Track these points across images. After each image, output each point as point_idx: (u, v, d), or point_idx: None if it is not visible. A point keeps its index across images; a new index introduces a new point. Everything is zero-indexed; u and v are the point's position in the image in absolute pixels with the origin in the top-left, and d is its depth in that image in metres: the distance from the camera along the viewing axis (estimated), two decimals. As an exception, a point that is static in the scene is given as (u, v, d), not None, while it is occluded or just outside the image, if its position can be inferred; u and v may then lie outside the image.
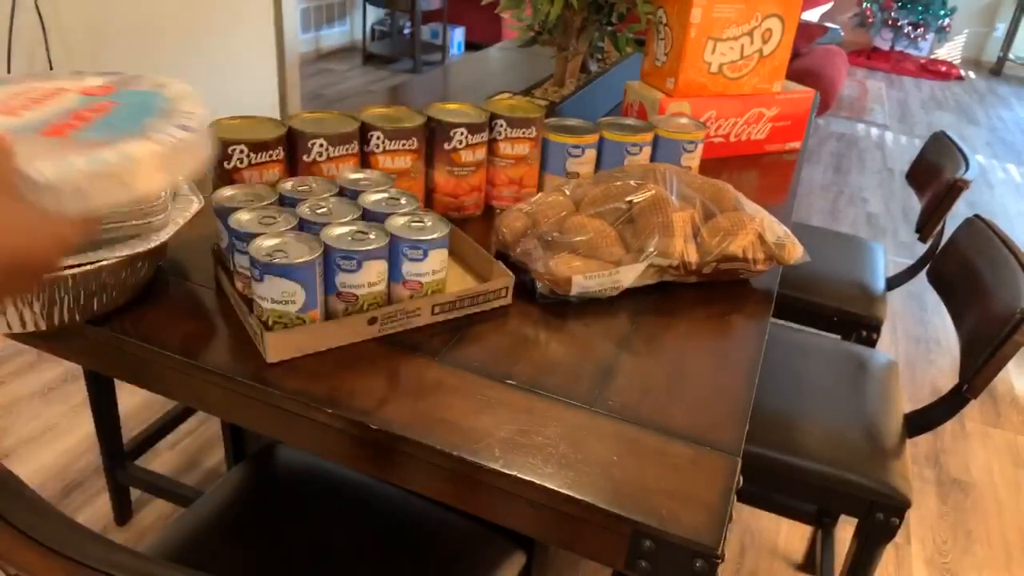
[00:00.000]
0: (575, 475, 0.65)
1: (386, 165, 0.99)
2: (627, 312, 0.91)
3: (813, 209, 3.55)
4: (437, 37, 5.37)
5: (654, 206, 0.92)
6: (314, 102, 4.40)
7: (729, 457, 0.69)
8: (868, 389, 1.27)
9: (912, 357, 2.44)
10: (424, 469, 0.69)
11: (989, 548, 1.73)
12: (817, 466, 1.10)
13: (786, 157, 1.50)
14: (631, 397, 0.76)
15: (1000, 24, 6.90)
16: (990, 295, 1.19)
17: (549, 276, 0.88)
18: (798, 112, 1.49)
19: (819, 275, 1.63)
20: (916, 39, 6.67)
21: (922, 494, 1.87)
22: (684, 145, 1.17)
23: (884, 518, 1.09)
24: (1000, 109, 5.73)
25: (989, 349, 1.09)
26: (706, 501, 0.64)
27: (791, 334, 1.41)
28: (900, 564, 1.66)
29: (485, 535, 0.95)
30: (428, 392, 0.74)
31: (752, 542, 1.68)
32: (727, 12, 1.32)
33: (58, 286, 0.73)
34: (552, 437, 0.69)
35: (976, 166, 1.59)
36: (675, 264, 0.93)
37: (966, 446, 2.06)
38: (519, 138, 1.06)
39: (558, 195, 0.97)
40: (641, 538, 0.62)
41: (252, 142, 0.90)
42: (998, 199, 3.96)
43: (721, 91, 1.40)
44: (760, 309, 0.95)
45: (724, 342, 0.87)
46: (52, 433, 1.78)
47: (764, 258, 0.96)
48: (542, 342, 0.83)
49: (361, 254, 0.76)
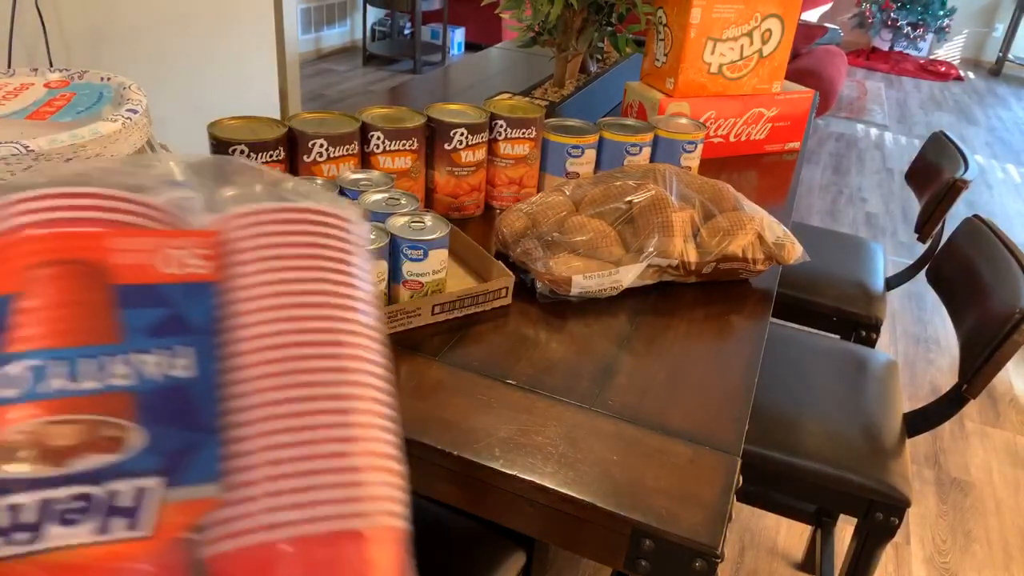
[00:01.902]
0: (575, 474, 0.65)
1: (386, 165, 0.99)
2: (627, 312, 0.91)
3: (812, 209, 3.55)
4: (437, 37, 5.37)
5: (654, 206, 0.93)
6: (314, 102, 4.40)
7: (728, 457, 0.69)
8: (867, 389, 1.28)
9: (911, 357, 2.44)
10: (424, 468, 0.69)
11: (988, 548, 1.74)
12: (817, 466, 1.10)
13: (786, 157, 1.50)
14: (631, 397, 0.76)
15: (999, 24, 6.90)
16: (989, 295, 1.19)
17: (549, 276, 0.88)
18: (797, 112, 1.49)
19: (818, 275, 1.63)
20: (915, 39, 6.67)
21: (921, 494, 1.87)
22: (684, 145, 1.18)
23: (884, 518, 1.09)
24: (999, 109, 5.73)
25: (988, 349, 1.09)
26: (705, 500, 0.64)
27: (790, 334, 1.41)
28: (900, 564, 1.67)
29: (485, 534, 0.95)
30: (428, 392, 0.74)
31: (752, 541, 1.68)
32: (726, 12, 1.33)
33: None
34: (552, 437, 0.70)
35: (975, 166, 1.59)
36: (675, 264, 0.93)
37: (965, 446, 2.06)
38: (519, 138, 1.06)
39: (558, 195, 0.97)
40: (641, 537, 0.62)
41: (252, 142, 0.90)
42: (997, 199, 3.96)
43: (721, 91, 1.40)
44: (760, 309, 0.95)
45: (724, 342, 0.88)
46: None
47: (763, 258, 0.96)
48: (542, 342, 0.84)
49: (361, 254, 0.76)
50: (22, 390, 0.30)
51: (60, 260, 0.32)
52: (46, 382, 0.30)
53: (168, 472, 0.30)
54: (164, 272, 0.33)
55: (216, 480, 0.31)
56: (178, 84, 2.67)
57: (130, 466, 0.30)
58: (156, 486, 0.30)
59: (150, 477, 0.30)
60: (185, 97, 2.66)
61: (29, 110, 0.76)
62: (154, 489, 0.30)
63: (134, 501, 0.29)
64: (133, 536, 0.29)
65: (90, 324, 0.31)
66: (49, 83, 0.84)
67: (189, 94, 2.70)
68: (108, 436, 0.30)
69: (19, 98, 0.79)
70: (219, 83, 2.86)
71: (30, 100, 0.79)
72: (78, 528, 0.29)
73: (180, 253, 0.34)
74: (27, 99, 0.79)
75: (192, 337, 0.32)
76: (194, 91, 2.73)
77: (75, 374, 0.30)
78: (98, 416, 0.30)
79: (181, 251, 0.34)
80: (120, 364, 0.31)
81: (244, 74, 2.97)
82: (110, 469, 0.29)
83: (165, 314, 0.32)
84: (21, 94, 0.80)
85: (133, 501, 0.29)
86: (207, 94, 2.77)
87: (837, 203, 3.67)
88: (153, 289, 0.33)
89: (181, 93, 2.66)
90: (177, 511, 0.30)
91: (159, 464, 0.30)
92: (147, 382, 0.31)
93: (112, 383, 0.31)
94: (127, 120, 0.75)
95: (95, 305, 0.32)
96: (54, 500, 0.29)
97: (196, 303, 0.33)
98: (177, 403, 0.31)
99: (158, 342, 0.32)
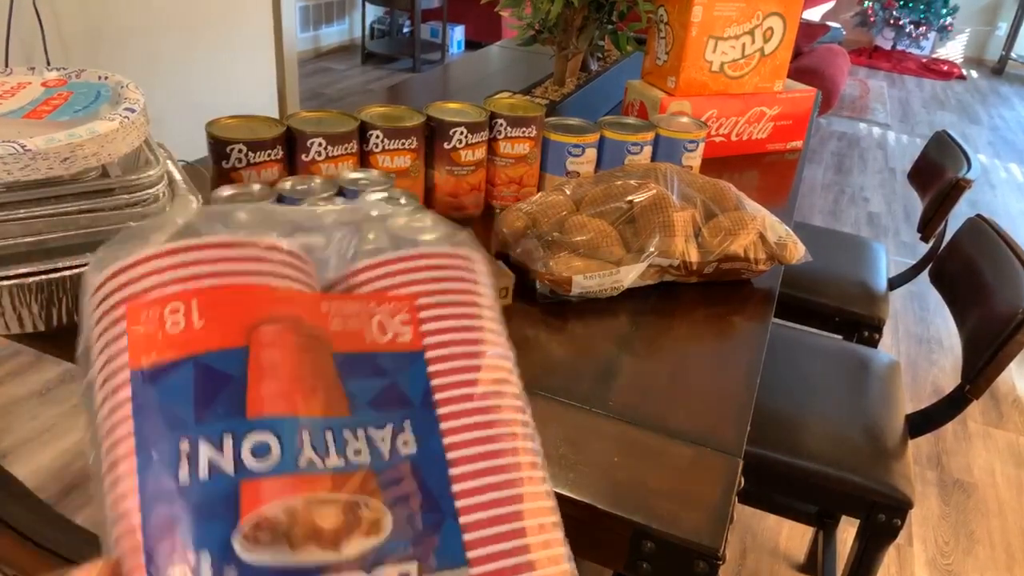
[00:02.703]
0: (575, 476, 0.65)
1: (385, 164, 0.99)
2: (628, 312, 0.90)
3: (815, 209, 3.55)
4: (437, 36, 5.37)
5: (655, 206, 0.92)
6: (313, 101, 4.39)
7: (730, 458, 0.69)
8: (870, 389, 1.27)
9: (914, 357, 2.43)
10: (423, 470, 0.69)
11: (991, 549, 1.73)
12: (819, 467, 1.09)
13: (787, 156, 1.50)
14: (632, 397, 0.75)
15: (1002, 23, 6.89)
16: (992, 295, 1.18)
17: (549, 276, 0.87)
18: (799, 111, 1.48)
19: (821, 275, 1.63)
20: (918, 38, 6.66)
21: (924, 495, 1.87)
22: (685, 144, 1.17)
23: (886, 519, 1.09)
24: (1002, 108, 5.72)
25: (991, 349, 1.08)
26: (707, 502, 0.63)
27: (793, 334, 1.41)
28: (902, 565, 1.66)
29: (485, 536, 0.95)
30: (427, 393, 0.73)
31: (753, 543, 1.68)
32: (728, 11, 1.32)
33: (57, 286, 0.72)
34: (552, 438, 0.69)
35: (978, 166, 1.58)
36: (676, 264, 0.92)
37: (968, 447, 2.06)
38: (519, 137, 1.06)
39: (558, 195, 0.97)
40: (642, 539, 0.62)
41: (250, 141, 0.89)
42: (1000, 199, 3.95)
43: (722, 90, 1.40)
44: (761, 309, 0.94)
45: (725, 342, 0.87)
46: (50, 434, 1.78)
47: (765, 258, 0.95)
48: (542, 342, 0.83)
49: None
50: (272, 463, 0.26)
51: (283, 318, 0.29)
52: (297, 454, 0.26)
53: (421, 558, 0.27)
54: (377, 341, 0.31)
55: (464, 563, 0.28)
56: (176, 82, 2.67)
57: (390, 550, 0.27)
58: (415, 572, 0.27)
59: (409, 562, 0.27)
60: (183, 96, 2.65)
61: (26, 109, 0.76)
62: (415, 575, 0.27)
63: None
64: None
65: (324, 393, 0.28)
66: (46, 82, 0.83)
67: (187, 93, 2.69)
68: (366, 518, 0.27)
69: (16, 97, 0.79)
70: (217, 82, 2.86)
71: (27, 99, 0.78)
72: None
73: (384, 319, 0.31)
74: (24, 98, 0.79)
75: (410, 410, 0.30)
76: (192, 90, 2.72)
77: (323, 448, 0.27)
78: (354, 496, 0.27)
79: (385, 317, 0.31)
80: (355, 439, 0.28)
81: (242, 73, 2.97)
82: (375, 553, 0.26)
83: (383, 385, 0.30)
84: (18, 93, 0.80)
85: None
86: (205, 93, 2.77)
87: (839, 203, 3.66)
88: (370, 358, 0.30)
89: (179, 92, 2.66)
90: None
91: (411, 550, 0.27)
92: (379, 460, 0.28)
93: (354, 460, 0.28)
94: (125, 119, 0.74)
95: (323, 372, 0.29)
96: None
97: (408, 373, 0.31)
98: (410, 483, 0.28)
99: (384, 415, 0.29)
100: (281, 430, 0.26)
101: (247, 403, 0.27)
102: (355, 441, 0.28)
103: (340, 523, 0.26)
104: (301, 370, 0.28)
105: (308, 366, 0.28)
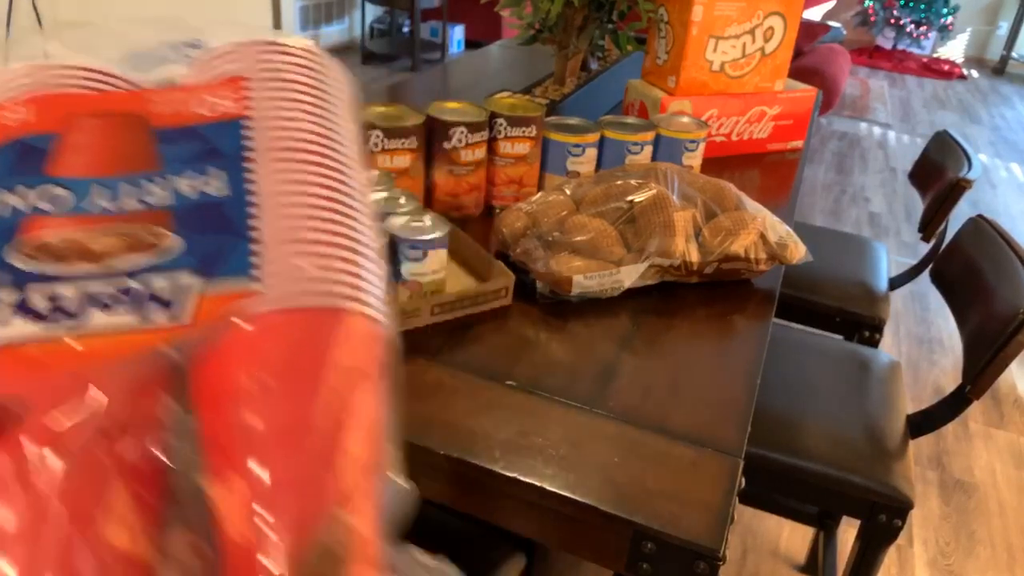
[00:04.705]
0: (576, 477, 0.65)
1: (385, 164, 0.98)
2: (628, 312, 0.90)
3: (815, 209, 3.54)
4: (436, 35, 5.37)
5: (655, 205, 0.92)
6: (315, 101, 4.38)
7: (731, 458, 0.68)
8: (870, 390, 1.27)
9: (915, 357, 2.43)
10: (423, 471, 0.68)
11: (992, 550, 1.73)
12: (819, 467, 1.09)
13: (788, 156, 1.49)
14: (632, 398, 0.75)
15: (1003, 23, 6.89)
16: (993, 295, 1.18)
17: (549, 276, 0.87)
18: (800, 111, 1.48)
19: (821, 275, 1.62)
20: (919, 38, 6.65)
21: (925, 495, 1.86)
22: (685, 144, 1.17)
23: (886, 520, 1.09)
24: (1003, 108, 5.71)
25: (992, 349, 1.08)
26: (707, 503, 0.63)
27: (793, 334, 1.40)
28: (903, 566, 1.66)
29: (485, 537, 0.95)
30: (427, 393, 0.73)
31: (754, 544, 1.68)
32: (729, 10, 1.32)
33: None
34: (552, 438, 0.69)
35: (979, 165, 1.58)
36: (676, 264, 0.92)
37: (969, 447, 2.05)
38: (519, 137, 1.05)
39: (558, 194, 0.96)
40: (642, 540, 0.62)
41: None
42: (1001, 198, 3.95)
43: (723, 90, 1.39)
44: (762, 309, 0.94)
45: (726, 343, 0.87)
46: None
47: (766, 258, 0.95)
48: (542, 342, 0.83)
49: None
50: (65, 207, 0.33)
51: (104, 112, 0.37)
52: (89, 201, 0.34)
53: (204, 270, 0.33)
54: (199, 113, 0.37)
55: (247, 273, 0.33)
56: (178, 83, 2.67)
57: (168, 265, 0.33)
58: (193, 281, 0.33)
59: (187, 273, 0.33)
60: (185, 96, 2.65)
61: None
62: (191, 284, 0.33)
63: (172, 294, 0.32)
64: (172, 325, 0.32)
65: (132, 157, 0.35)
66: None
67: (189, 93, 2.69)
68: (146, 243, 0.33)
69: None
70: (219, 82, 2.85)
71: None
72: (119, 316, 0.32)
73: (212, 99, 0.38)
74: None
75: (224, 162, 0.36)
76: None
77: (117, 196, 0.34)
78: (135, 227, 0.33)
79: (213, 97, 0.38)
80: (158, 187, 0.35)
81: (244, 73, 2.96)
82: (148, 267, 0.33)
83: (200, 147, 0.36)
84: None
85: (171, 294, 0.32)
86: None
87: (840, 202, 3.65)
88: (190, 129, 0.37)
89: (181, 92, 2.66)
90: (213, 303, 0.33)
91: (195, 263, 0.33)
92: (183, 200, 0.35)
93: (150, 202, 0.34)
94: None
95: (137, 143, 0.36)
96: (94, 291, 0.32)
97: (227, 136, 0.37)
98: (211, 216, 0.34)
99: (193, 167, 0.35)
100: (74, 186, 0.34)
101: (46, 168, 0.35)
102: (157, 188, 0.35)
103: (113, 246, 0.33)
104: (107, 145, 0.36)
105: (114, 140, 0.36)
